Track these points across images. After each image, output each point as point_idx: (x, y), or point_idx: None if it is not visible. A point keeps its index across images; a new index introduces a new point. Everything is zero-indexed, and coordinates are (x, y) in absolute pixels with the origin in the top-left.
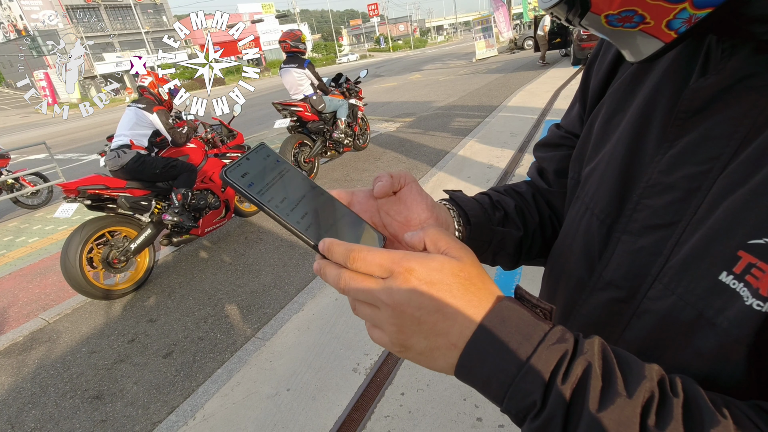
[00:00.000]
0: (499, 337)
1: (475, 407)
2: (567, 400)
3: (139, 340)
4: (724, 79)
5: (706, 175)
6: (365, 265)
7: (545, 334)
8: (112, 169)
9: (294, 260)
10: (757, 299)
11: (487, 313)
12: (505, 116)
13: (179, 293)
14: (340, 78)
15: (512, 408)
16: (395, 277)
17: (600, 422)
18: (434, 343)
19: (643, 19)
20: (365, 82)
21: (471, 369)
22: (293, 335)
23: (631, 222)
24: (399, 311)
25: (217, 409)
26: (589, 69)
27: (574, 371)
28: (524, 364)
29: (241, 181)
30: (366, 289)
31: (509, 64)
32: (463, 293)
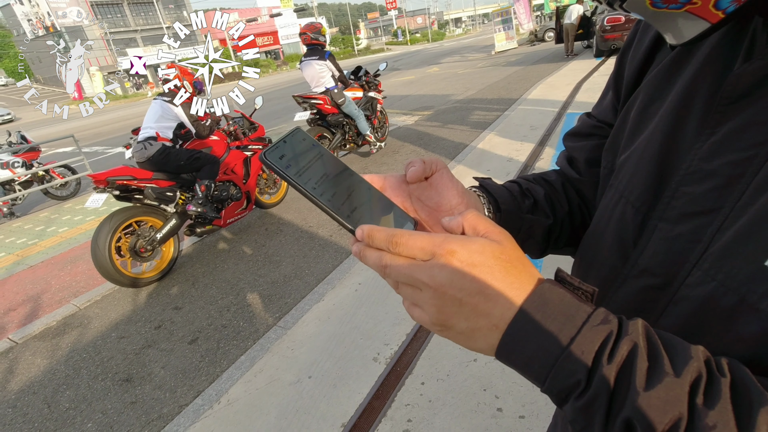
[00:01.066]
0: (542, 318)
1: (495, 398)
2: (612, 380)
3: (165, 326)
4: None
5: (750, 161)
6: (407, 249)
7: (588, 315)
8: (138, 160)
9: (314, 251)
10: None
11: (529, 294)
12: (524, 109)
13: (203, 282)
14: (360, 71)
15: (554, 388)
16: (437, 259)
17: (647, 401)
18: (475, 324)
19: (688, 0)
20: (383, 74)
21: (512, 350)
22: (314, 324)
23: (669, 209)
24: (440, 293)
25: (240, 394)
26: (623, 57)
27: (620, 351)
28: (568, 344)
29: (279, 162)
30: (408, 272)
31: (529, 56)
32: (504, 275)
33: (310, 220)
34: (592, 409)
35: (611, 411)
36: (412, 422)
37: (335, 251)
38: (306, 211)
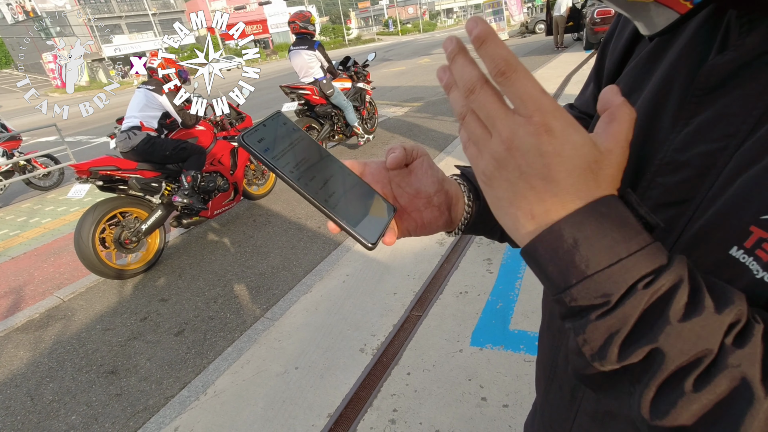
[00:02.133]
0: (601, 227)
1: (480, 387)
2: (645, 306)
3: (151, 318)
4: (742, 56)
5: (721, 153)
6: (517, 86)
7: (647, 245)
8: (122, 150)
9: (302, 243)
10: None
11: (597, 201)
12: None
13: (189, 274)
14: (348, 61)
15: (579, 299)
16: (530, 121)
17: (680, 331)
18: (517, 203)
19: None
20: (373, 65)
21: (551, 247)
22: (301, 316)
23: (645, 199)
24: (509, 154)
25: (227, 385)
26: (604, 49)
27: (660, 282)
28: (616, 261)
29: (257, 146)
30: (495, 113)
31: (520, 48)
32: (580, 181)
33: (298, 212)
34: (613, 330)
35: (633, 336)
36: (398, 412)
37: (324, 242)
38: (295, 202)
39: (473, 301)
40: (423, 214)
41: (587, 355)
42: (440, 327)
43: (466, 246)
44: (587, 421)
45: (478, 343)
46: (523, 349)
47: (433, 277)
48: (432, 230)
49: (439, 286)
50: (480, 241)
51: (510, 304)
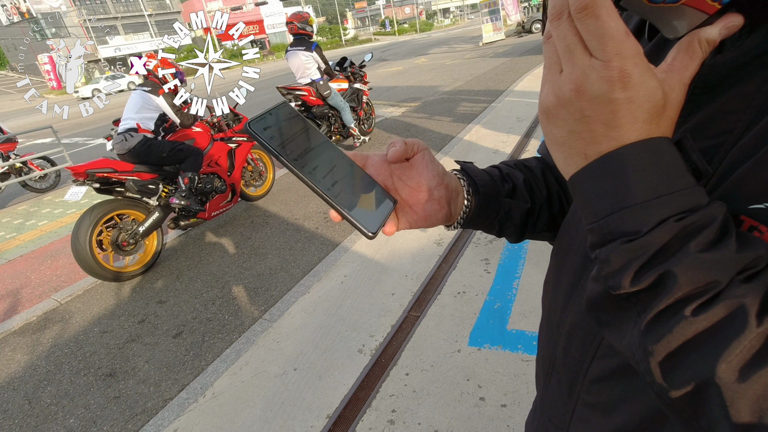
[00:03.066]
0: (647, 164)
1: (478, 387)
2: (671, 237)
3: (149, 320)
4: (741, 56)
5: (717, 149)
6: (595, 26)
7: (689, 187)
8: (119, 152)
9: (300, 244)
10: None
11: (650, 140)
12: (511, 101)
13: (187, 275)
14: (345, 62)
15: (615, 227)
16: (608, 66)
17: (696, 260)
18: (572, 142)
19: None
20: (370, 65)
21: (597, 177)
22: (300, 317)
23: None
24: (575, 95)
25: (226, 387)
26: None
27: (692, 218)
28: (656, 197)
29: (263, 133)
30: (572, 44)
31: (516, 47)
32: (643, 124)
33: (296, 213)
34: (634, 255)
35: (651, 262)
36: (397, 412)
37: (321, 243)
38: (292, 203)
39: (471, 301)
40: (423, 207)
41: (603, 275)
42: (438, 327)
43: (463, 246)
44: (586, 412)
45: (476, 343)
46: (521, 348)
47: (431, 278)
48: (432, 223)
49: (437, 286)
50: (477, 241)
51: (508, 304)
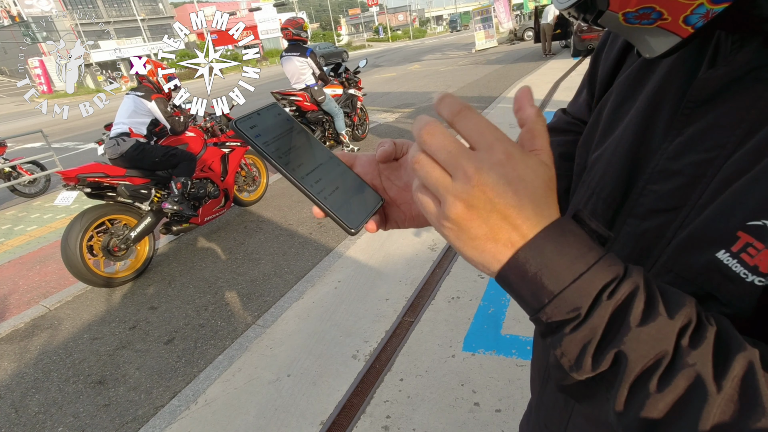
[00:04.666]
0: (558, 248)
1: (472, 392)
2: (609, 315)
3: (141, 326)
4: (733, 71)
5: (711, 162)
6: (471, 123)
7: (600, 257)
8: (111, 157)
9: (294, 249)
10: (757, 275)
11: (553, 223)
12: (504, 107)
13: (179, 281)
14: (340, 68)
15: (554, 315)
16: (492, 154)
17: (638, 336)
18: (493, 235)
19: (660, 16)
20: (364, 71)
21: (522, 270)
22: (293, 323)
23: (637, 206)
24: (478, 190)
25: (219, 394)
26: (597, 57)
27: (621, 291)
28: (578, 277)
29: (249, 131)
30: (453, 148)
31: (509, 55)
32: (544, 200)
33: (290, 218)
34: (586, 340)
35: (602, 344)
36: (391, 418)
37: (315, 249)
38: (286, 208)
39: (465, 306)
40: (411, 207)
41: (566, 367)
42: (433, 332)
43: None
44: (582, 422)
45: (470, 348)
46: (515, 353)
47: (425, 283)
48: (420, 223)
49: (431, 291)
50: None
51: (502, 309)
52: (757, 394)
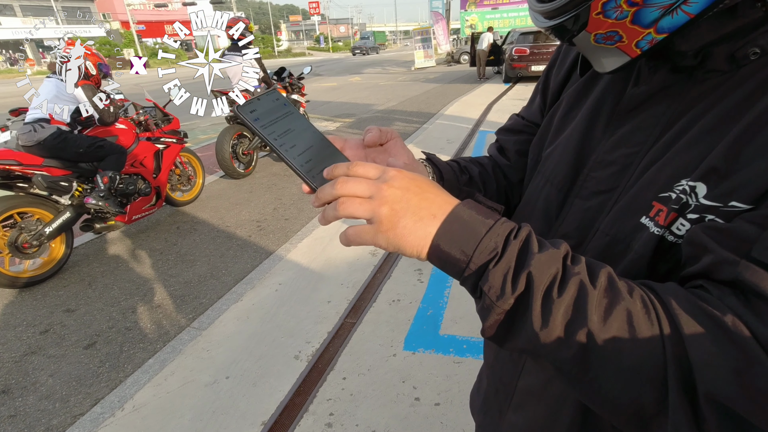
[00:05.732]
0: (470, 215)
1: (413, 388)
2: (518, 248)
3: (54, 330)
4: (651, 88)
5: (636, 154)
6: (364, 168)
7: (500, 218)
8: (25, 144)
9: (232, 251)
10: (657, 227)
11: (463, 201)
12: (442, 124)
13: (102, 282)
14: (283, 72)
15: (478, 260)
16: (388, 172)
17: (539, 259)
18: (418, 216)
19: (621, 39)
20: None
21: (450, 233)
22: (232, 324)
23: (583, 189)
24: (392, 192)
25: (149, 398)
26: (548, 73)
27: (521, 234)
28: (489, 228)
29: (249, 115)
30: (365, 181)
31: (446, 75)
32: (438, 189)
33: (227, 220)
34: (505, 270)
35: (517, 269)
36: (335, 415)
37: (255, 251)
38: (223, 210)
39: (405, 308)
40: None
41: (494, 299)
42: (374, 333)
43: (398, 257)
44: (531, 365)
45: (410, 348)
46: (452, 352)
47: (367, 286)
48: None
49: (373, 294)
50: None
51: (440, 311)
52: (617, 289)
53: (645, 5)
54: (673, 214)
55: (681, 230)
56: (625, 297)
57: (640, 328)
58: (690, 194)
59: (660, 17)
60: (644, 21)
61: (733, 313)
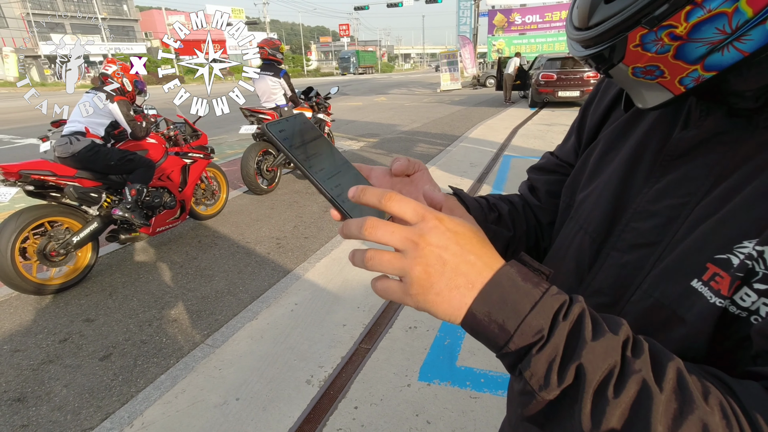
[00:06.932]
0: (512, 284)
1: (427, 423)
2: (567, 333)
3: (73, 340)
4: (702, 133)
5: (684, 206)
6: (399, 206)
7: (547, 288)
8: (61, 155)
9: (250, 267)
10: (718, 297)
11: (502, 266)
12: (466, 147)
13: (122, 293)
14: (311, 92)
15: (520, 342)
16: (426, 222)
17: (593, 349)
18: (454, 283)
19: (662, 74)
20: (332, 98)
21: (488, 306)
22: (245, 344)
23: (620, 241)
24: (428, 251)
25: (158, 416)
26: (585, 111)
27: (572, 312)
28: (534, 305)
29: (278, 134)
30: (395, 229)
31: (471, 98)
32: (481, 246)
33: (248, 236)
34: (551, 358)
35: (565, 359)
36: None
37: (272, 269)
38: (244, 225)
39: (422, 336)
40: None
41: (535, 388)
42: (389, 361)
43: None
44: None
45: (426, 378)
46: (469, 385)
47: (383, 311)
48: None
49: (389, 319)
50: None
51: (457, 341)
52: (689, 392)
53: (689, 40)
54: (738, 281)
55: (746, 301)
56: (699, 404)
57: None
58: (756, 259)
59: (707, 53)
60: (689, 57)
61: None
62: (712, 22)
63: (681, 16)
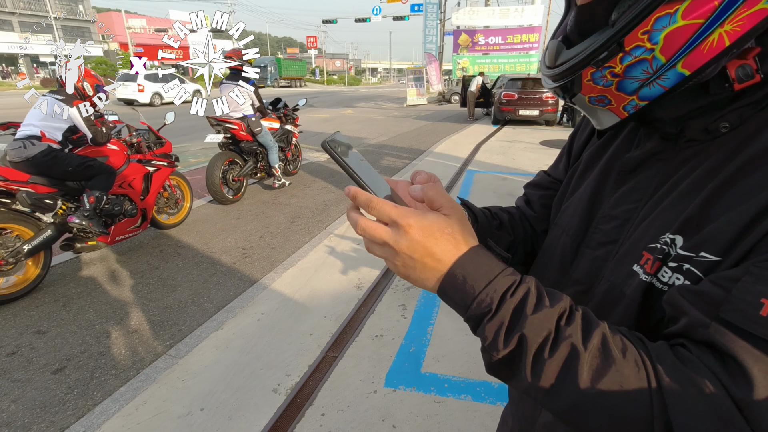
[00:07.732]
0: (472, 267)
1: (393, 427)
2: (512, 308)
3: (22, 353)
4: (644, 153)
5: (635, 210)
6: (378, 213)
7: (502, 270)
8: (13, 159)
9: (215, 277)
10: (646, 275)
11: (464, 252)
12: (431, 161)
13: (77, 304)
14: (279, 102)
15: (474, 313)
16: (398, 228)
17: (532, 321)
18: (424, 275)
19: (610, 102)
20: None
21: (450, 287)
22: (211, 354)
23: (592, 240)
24: (401, 253)
25: (117, 429)
26: (573, 137)
27: (519, 292)
28: (487, 284)
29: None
30: (378, 235)
31: (437, 113)
32: (446, 244)
33: (213, 246)
34: (497, 327)
35: (509, 329)
36: None
37: (238, 279)
38: (209, 235)
39: (388, 344)
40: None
41: (488, 348)
42: (356, 368)
43: (382, 291)
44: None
45: (392, 385)
46: (433, 390)
47: (350, 320)
48: None
49: (356, 328)
50: (396, 288)
51: (422, 348)
52: (609, 350)
53: (625, 77)
54: (658, 262)
55: (665, 277)
56: (617, 358)
57: (630, 388)
58: (671, 245)
59: (640, 87)
60: (627, 89)
61: (711, 374)
62: (639, 65)
63: (617, 60)
